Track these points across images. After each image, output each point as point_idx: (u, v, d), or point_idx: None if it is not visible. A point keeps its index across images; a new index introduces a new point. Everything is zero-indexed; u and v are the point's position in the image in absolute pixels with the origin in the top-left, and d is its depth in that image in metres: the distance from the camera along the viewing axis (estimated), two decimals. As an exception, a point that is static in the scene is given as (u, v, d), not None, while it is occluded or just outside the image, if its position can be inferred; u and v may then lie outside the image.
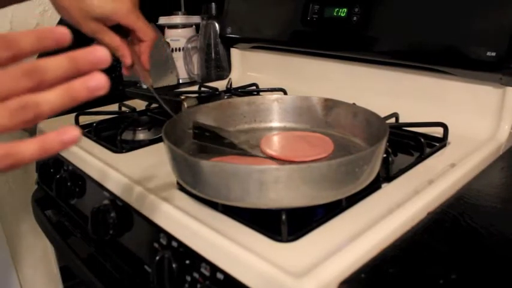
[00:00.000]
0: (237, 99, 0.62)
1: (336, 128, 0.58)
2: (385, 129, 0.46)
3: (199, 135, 0.53)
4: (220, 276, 0.39)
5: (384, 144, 0.44)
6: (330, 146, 0.54)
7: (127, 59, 0.52)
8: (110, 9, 0.49)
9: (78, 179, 0.65)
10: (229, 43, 1.05)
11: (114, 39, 0.51)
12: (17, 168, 0.27)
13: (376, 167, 0.43)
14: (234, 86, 0.94)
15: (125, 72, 0.55)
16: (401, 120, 0.66)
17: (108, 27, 0.51)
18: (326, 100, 0.59)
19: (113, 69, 1.15)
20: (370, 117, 0.52)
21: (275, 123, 0.62)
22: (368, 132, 0.52)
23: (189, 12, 1.12)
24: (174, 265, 0.43)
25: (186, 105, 0.60)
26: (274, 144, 0.55)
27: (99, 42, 0.52)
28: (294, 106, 0.61)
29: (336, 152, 0.53)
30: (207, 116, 0.58)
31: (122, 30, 0.53)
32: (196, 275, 0.42)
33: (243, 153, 0.52)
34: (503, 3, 0.58)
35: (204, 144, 0.53)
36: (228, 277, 0.38)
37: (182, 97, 0.64)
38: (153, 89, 0.55)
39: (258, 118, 0.61)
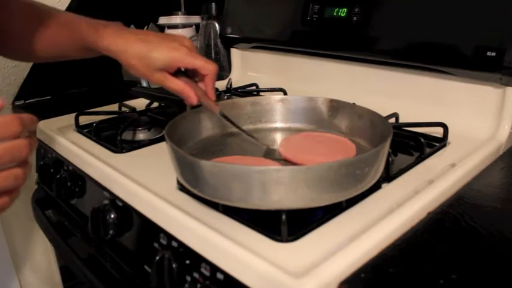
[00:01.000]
0: (241, 100, 0.62)
1: (341, 129, 0.58)
2: (388, 131, 0.46)
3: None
4: (220, 276, 0.39)
5: (387, 146, 0.44)
6: (351, 151, 0.52)
7: (192, 99, 0.56)
8: (169, 59, 0.55)
9: (78, 179, 0.65)
10: (229, 43, 1.05)
11: (178, 84, 0.56)
12: None
13: (379, 168, 0.43)
14: (234, 86, 0.94)
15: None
16: (401, 120, 0.66)
17: (171, 74, 0.57)
18: (331, 101, 0.59)
19: (113, 70, 1.15)
20: (374, 119, 0.52)
21: (280, 124, 0.62)
22: (372, 133, 0.52)
23: (189, 12, 1.12)
24: (174, 265, 0.43)
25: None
26: (294, 147, 0.55)
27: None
28: (299, 107, 0.61)
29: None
30: (211, 116, 0.58)
31: (188, 73, 0.59)
32: (196, 275, 0.42)
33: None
34: (503, 3, 0.58)
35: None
36: (228, 277, 0.38)
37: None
38: (224, 117, 0.57)
39: (263, 118, 0.62)
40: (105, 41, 0.58)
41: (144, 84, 1.03)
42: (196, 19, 1.11)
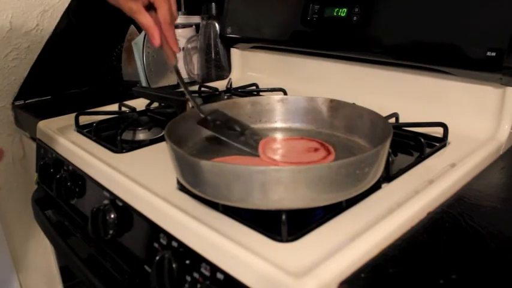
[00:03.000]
0: (242, 99, 0.62)
1: (341, 129, 0.58)
2: (388, 131, 0.46)
3: (205, 121, 0.55)
4: (220, 276, 0.39)
5: (387, 147, 0.44)
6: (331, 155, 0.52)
7: (155, 40, 0.57)
8: None
9: (78, 179, 0.65)
10: (229, 43, 1.05)
11: (147, 19, 0.56)
12: None
13: (379, 168, 0.43)
14: (234, 86, 0.94)
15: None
16: (401, 120, 0.66)
17: (145, 9, 0.57)
18: (331, 101, 0.59)
19: (113, 70, 1.15)
20: (374, 119, 0.52)
21: (280, 124, 0.62)
22: (372, 133, 0.52)
23: (189, 12, 1.12)
24: (174, 265, 0.43)
25: (190, 105, 0.60)
26: (274, 149, 0.55)
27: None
28: (299, 107, 0.61)
29: (339, 153, 0.53)
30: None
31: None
32: (196, 275, 0.42)
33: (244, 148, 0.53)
34: (503, 3, 0.58)
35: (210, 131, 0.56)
36: (228, 277, 0.38)
37: (187, 97, 0.65)
38: (177, 72, 0.58)
39: (263, 118, 0.61)
40: None
41: (144, 84, 1.03)
42: (196, 19, 1.11)
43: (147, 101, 0.83)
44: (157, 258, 0.44)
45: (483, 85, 0.62)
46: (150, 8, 0.58)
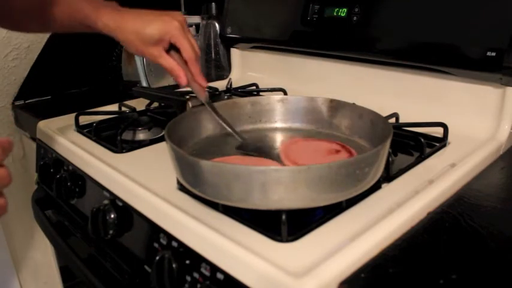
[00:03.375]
0: (242, 99, 0.62)
1: (341, 129, 0.58)
2: (388, 131, 0.46)
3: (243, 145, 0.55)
4: (220, 276, 0.39)
5: (387, 147, 0.44)
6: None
7: (181, 80, 0.59)
8: (160, 32, 0.58)
9: (78, 179, 0.65)
10: (229, 43, 1.05)
11: (170, 62, 0.59)
12: None
13: (379, 168, 0.43)
14: (234, 86, 0.94)
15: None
16: (401, 120, 0.66)
17: (166, 52, 0.59)
18: (331, 101, 0.59)
19: (113, 70, 1.15)
20: (374, 119, 0.52)
21: (280, 124, 0.62)
22: (372, 133, 0.52)
23: (189, 12, 1.12)
24: (174, 265, 0.43)
25: (190, 105, 0.60)
26: (296, 152, 0.53)
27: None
28: (299, 107, 0.61)
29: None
30: (212, 116, 0.58)
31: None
32: (196, 275, 0.42)
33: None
34: (503, 3, 0.58)
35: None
36: (228, 277, 0.38)
37: (187, 97, 0.65)
38: (210, 107, 0.58)
39: (263, 118, 0.61)
40: (104, 18, 0.59)
41: (144, 84, 1.03)
42: (196, 19, 1.11)
43: (147, 101, 0.83)
44: (157, 258, 0.44)
45: (483, 85, 0.62)
46: (171, 48, 0.60)
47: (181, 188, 0.49)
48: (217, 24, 1.05)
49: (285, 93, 0.83)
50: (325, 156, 0.51)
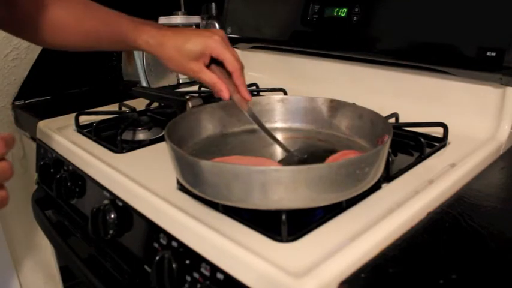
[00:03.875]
0: None
1: (341, 129, 0.58)
2: (388, 131, 0.46)
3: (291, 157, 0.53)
4: (220, 276, 0.39)
5: (387, 146, 0.44)
6: None
7: (224, 94, 0.57)
8: (202, 46, 0.57)
9: (78, 179, 0.65)
10: (229, 43, 1.05)
11: (212, 77, 0.58)
12: None
13: (379, 168, 0.43)
14: (234, 86, 0.94)
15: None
16: (401, 120, 0.66)
17: (206, 67, 0.58)
18: (331, 101, 0.59)
19: (113, 70, 1.15)
20: (374, 119, 0.52)
21: (280, 124, 0.62)
22: (372, 133, 0.52)
23: (189, 12, 1.12)
24: (174, 265, 0.43)
25: (190, 105, 0.60)
26: None
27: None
28: (299, 107, 0.61)
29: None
30: (212, 116, 0.59)
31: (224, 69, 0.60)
32: (196, 275, 0.42)
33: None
34: (503, 3, 0.58)
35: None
36: (228, 277, 0.38)
37: (187, 97, 0.65)
38: (253, 118, 0.57)
39: (263, 118, 0.62)
40: (145, 36, 0.60)
41: (144, 84, 1.03)
42: (196, 19, 1.11)
43: (147, 101, 0.83)
44: (157, 258, 0.44)
45: (483, 85, 0.62)
46: (211, 63, 0.59)
47: (181, 188, 0.49)
48: (217, 24, 1.05)
49: (285, 93, 0.83)
50: None
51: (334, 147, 0.54)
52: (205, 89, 0.93)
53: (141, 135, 0.71)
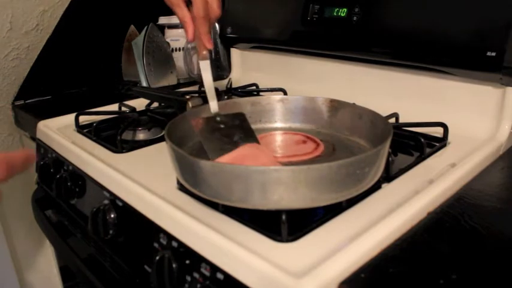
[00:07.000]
0: (242, 99, 0.62)
1: (341, 129, 0.58)
2: (388, 131, 0.46)
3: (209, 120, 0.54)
4: (220, 276, 0.39)
5: (387, 146, 0.44)
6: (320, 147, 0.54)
7: (187, 34, 0.57)
8: None
9: (78, 179, 0.65)
10: (229, 43, 1.05)
11: (184, 13, 0.56)
12: None
13: (379, 168, 0.43)
14: (234, 86, 0.94)
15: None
16: (401, 120, 0.66)
17: (184, 3, 0.57)
18: (331, 101, 0.59)
19: (113, 70, 1.15)
20: (374, 119, 0.52)
21: (280, 124, 0.62)
22: (372, 133, 0.52)
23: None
24: (174, 265, 0.43)
25: (190, 105, 0.60)
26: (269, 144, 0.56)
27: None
28: (299, 106, 0.61)
29: (339, 153, 0.53)
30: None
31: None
32: (196, 275, 0.42)
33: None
34: (503, 3, 0.58)
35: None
36: (228, 277, 0.38)
37: (187, 97, 0.65)
38: (203, 71, 0.57)
39: (263, 118, 0.62)
40: None
41: (144, 84, 1.03)
42: (196, 19, 1.11)
43: (147, 101, 0.83)
44: (157, 258, 0.44)
45: (483, 85, 0.62)
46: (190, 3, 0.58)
47: (181, 188, 0.49)
48: (217, 24, 1.05)
49: (285, 93, 0.83)
50: (295, 146, 0.55)
51: (334, 147, 0.55)
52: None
53: (141, 135, 0.71)
